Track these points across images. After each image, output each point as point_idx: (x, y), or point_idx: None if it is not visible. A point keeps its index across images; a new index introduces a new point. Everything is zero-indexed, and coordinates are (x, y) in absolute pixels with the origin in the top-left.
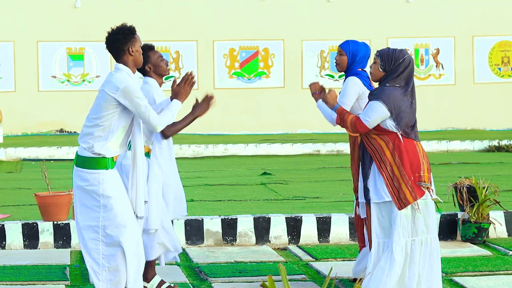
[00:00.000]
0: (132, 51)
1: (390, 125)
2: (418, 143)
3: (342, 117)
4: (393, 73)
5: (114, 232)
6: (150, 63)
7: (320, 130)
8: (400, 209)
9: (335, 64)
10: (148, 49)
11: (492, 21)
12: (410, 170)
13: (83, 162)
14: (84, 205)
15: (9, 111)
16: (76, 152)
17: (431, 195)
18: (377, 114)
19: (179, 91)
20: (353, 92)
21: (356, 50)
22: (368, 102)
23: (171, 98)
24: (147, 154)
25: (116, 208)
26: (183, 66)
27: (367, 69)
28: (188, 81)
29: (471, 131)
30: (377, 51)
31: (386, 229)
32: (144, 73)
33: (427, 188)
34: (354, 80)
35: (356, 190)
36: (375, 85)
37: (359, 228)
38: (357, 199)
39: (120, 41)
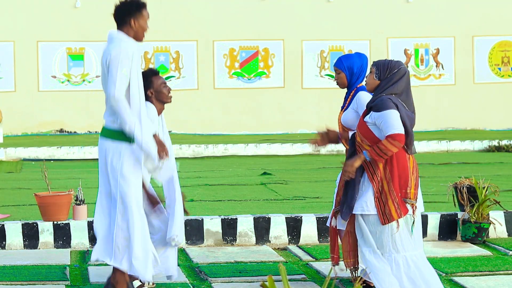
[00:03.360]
0: (135, 25)
1: None
2: (410, 156)
3: (380, 151)
4: (388, 81)
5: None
6: (152, 89)
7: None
8: (383, 224)
9: (336, 83)
10: (152, 74)
11: (492, 21)
12: (398, 186)
13: (107, 132)
14: (104, 174)
15: (9, 111)
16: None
17: (413, 212)
18: (397, 119)
19: (161, 144)
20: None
21: (351, 63)
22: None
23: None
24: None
25: (126, 191)
26: (183, 66)
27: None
28: (164, 153)
29: (471, 131)
30: (373, 62)
31: (375, 241)
32: (146, 98)
33: (412, 205)
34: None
35: (339, 203)
36: None
37: (333, 238)
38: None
39: (125, 11)
